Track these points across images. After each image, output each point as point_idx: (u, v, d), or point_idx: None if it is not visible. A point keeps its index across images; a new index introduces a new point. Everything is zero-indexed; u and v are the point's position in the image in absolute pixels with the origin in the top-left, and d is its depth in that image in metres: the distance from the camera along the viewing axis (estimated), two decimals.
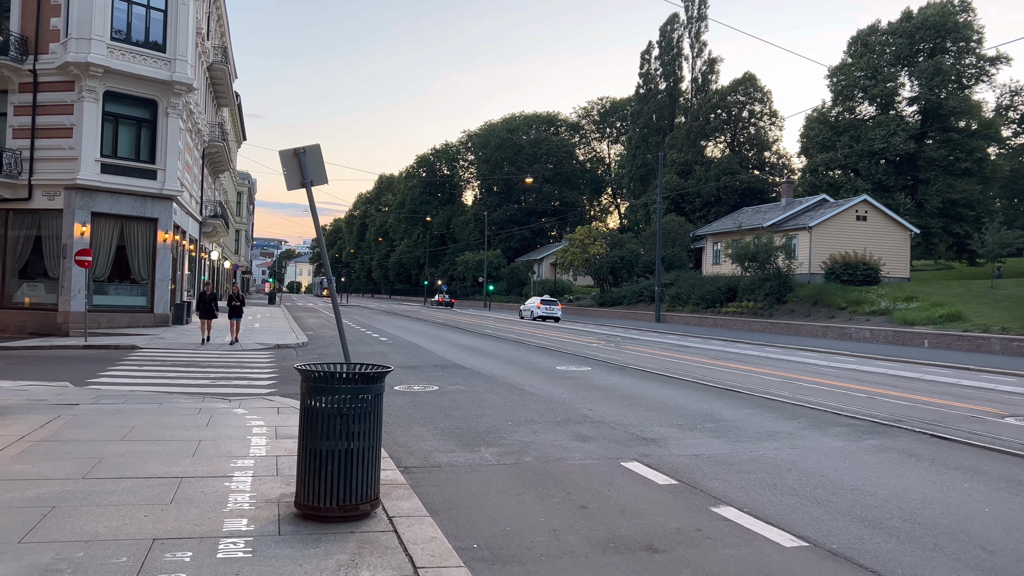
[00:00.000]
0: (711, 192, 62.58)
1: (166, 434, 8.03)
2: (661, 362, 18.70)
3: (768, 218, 44.98)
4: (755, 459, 7.86)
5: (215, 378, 14.33)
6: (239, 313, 21.73)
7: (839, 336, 31.36)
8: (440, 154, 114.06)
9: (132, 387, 12.78)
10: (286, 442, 7.82)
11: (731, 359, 20.36)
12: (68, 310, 24.05)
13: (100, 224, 25.01)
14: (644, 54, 77.14)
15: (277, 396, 11.32)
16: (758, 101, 68.45)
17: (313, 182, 7.14)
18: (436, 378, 14.47)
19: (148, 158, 25.91)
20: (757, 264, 39.60)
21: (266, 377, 14.57)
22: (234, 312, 21.64)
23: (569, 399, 11.86)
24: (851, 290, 36.27)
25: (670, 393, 12.73)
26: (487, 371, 15.74)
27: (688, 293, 45.54)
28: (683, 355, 21.30)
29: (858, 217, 41.93)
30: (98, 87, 24.38)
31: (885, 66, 54.71)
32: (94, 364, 16.52)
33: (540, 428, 9.40)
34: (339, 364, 5.80)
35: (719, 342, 28.31)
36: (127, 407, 9.80)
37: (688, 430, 9.42)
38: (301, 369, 5.44)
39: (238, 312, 21.68)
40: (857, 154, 52.73)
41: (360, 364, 5.77)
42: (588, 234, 59.37)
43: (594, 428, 9.45)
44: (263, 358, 18.48)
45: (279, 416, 9.41)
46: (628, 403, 11.54)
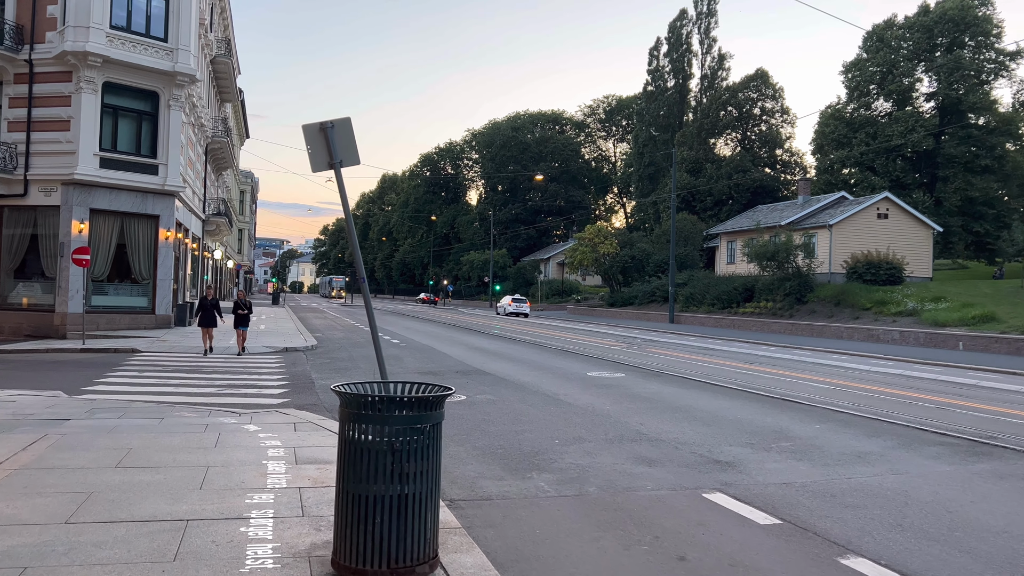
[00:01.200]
0: (722, 190, 61.39)
1: (168, 458, 6.90)
2: (694, 367, 17.55)
3: (785, 216, 43.80)
4: (857, 488, 6.72)
5: (221, 386, 13.20)
6: (246, 322, 19.34)
7: (866, 338, 30.20)
8: (444, 153, 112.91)
9: (131, 397, 11.65)
10: (308, 469, 6.68)
11: (764, 363, 19.21)
12: (65, 311, 22.93)
13: (99, 221, 23.89)
14: (652, 50, 75.96)
15: (292, 409, 10.19)
16: (770, 98, 67.24)
17: (343, 162, 6.02)
18: (462, 386, 13.33)
19: (149, 152, 24.80)
20: (775, 263, 38.43)
21: (276, 385, 13.45)
22: (240, 321, 19.28)
23: (614, 411, 10.71)
24: (875, 290, 35.10)
25: (722, 404, 11.58)
26: (514, 378, 14.61)
27: (703, 293, 44.39)
28: (713, 359, 20.14)
29: (879, 215, 40.76)
30: (97, 78, 23.26)
31: (902, 61, 53.51)
32: (91, 369, 15.40)
33: (593, 448, 8.26)
34: (383, 383, 4.66)
35: (743, 344, 27.16)
36: (124, 423, 8.67)
37: (762, 450, 8.27)
38: (341, 392, 4.30)
39: (244, 321, 19.31)
40: (874, 151, 51.53)
41: (410, 384, 4.64)
42: (598, 233, 58.22)
43: (655, 448, 8.30)
44: (271, 363, 17.35)
45: (296, 434, 8.27)
46: (681, 416, 10.40)
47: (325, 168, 6.03)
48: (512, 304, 54.32)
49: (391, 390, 4.58)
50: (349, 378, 14.58)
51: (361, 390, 4.44)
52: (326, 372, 15.52)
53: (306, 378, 14.47)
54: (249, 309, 19.46)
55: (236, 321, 19.29)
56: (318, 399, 11.76)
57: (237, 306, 19.35)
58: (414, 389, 4.55)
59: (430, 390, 4.47)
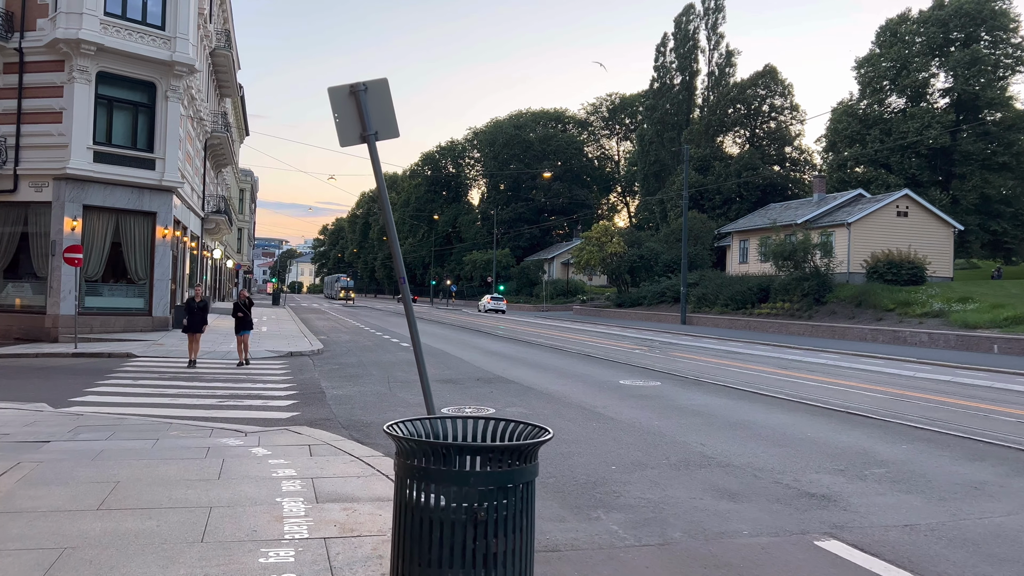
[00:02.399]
0: (731, 189, 60.20)
1: (163, 496, 5.72)
2: (729, 373, 16.37)
3: (801, 214, 42.62)
4: (998, 534, 5.55)
5: (223, 396, 12.02)
6: (248, 325, 16.65)
7: (891, 340, 29.04)
8: (445, 151, 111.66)
9: (122, 410, 10.47)
10: (332, 509, 5.50)
11: (799, 368, 18.03)
12: (57, 313, 21.76)
13: (93, 218, 22.71)
14: (659, 47, 74.74)
15: (304, 427, 9.00)
16: (779, 95, 66.03)
17: (379, 134, 4.83)
18: (486, 396, 12.16)
19: (146, 146, 23.61)
20: (792, 263, 37.25)
21: (283, 396, 12.26)
22: (242, 324, 16.54)
23: (665, 428, 9.54)
24: (897, 290, 33.92)
25: (782, 419, 10.40)
26: (542, 387, 13.43)
27: (715, 294, 43.18)
28: (744, 364, 18.97)
29: (899, 213, 39.58)
30: (90, 67, 22.08)
31: (916, 56, 52.32)
32: (81, 377, 14.23)
33: (659, 477, 7.08)
34: (449, 419, 3.49)
35: (767, 347, 25.99)
36: (112, 446, 7.48)
37: (856, 478, 7.10)
38: (399, 437, 3.12)
39: (246, 324, 16.60)
40: (888, 148, 50.36)
41: (484, 420, 3.47)
42: (605, 232, 57.03)
43: (730, 476, 7.13)
44: (276, 369, 16.17)
45: (313, 461, 7.09)
46: (743, 435, 9.22)
47: (356, 142, 4.86)
48: (491, 302, 61.60)
49: (466, 430, 3.41)
50: (361, 385, 13.41)
51: (422, 429, 3.27)
52: (336, 380, 14.33)
53: (315, 387, 13.29)
54: (249, 308, 16.84)
55: (237, 325, 16.61)
56: (331, 413, 10.57)
57: (237, 308, 16.65)
58: (497, 430, 3.38)
59: (519, 431, 3.30)
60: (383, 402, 11.60)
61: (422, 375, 5.45)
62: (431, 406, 5.39)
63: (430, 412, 5.26)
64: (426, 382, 5.35)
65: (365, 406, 11.21)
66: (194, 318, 16.07)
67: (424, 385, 5.35)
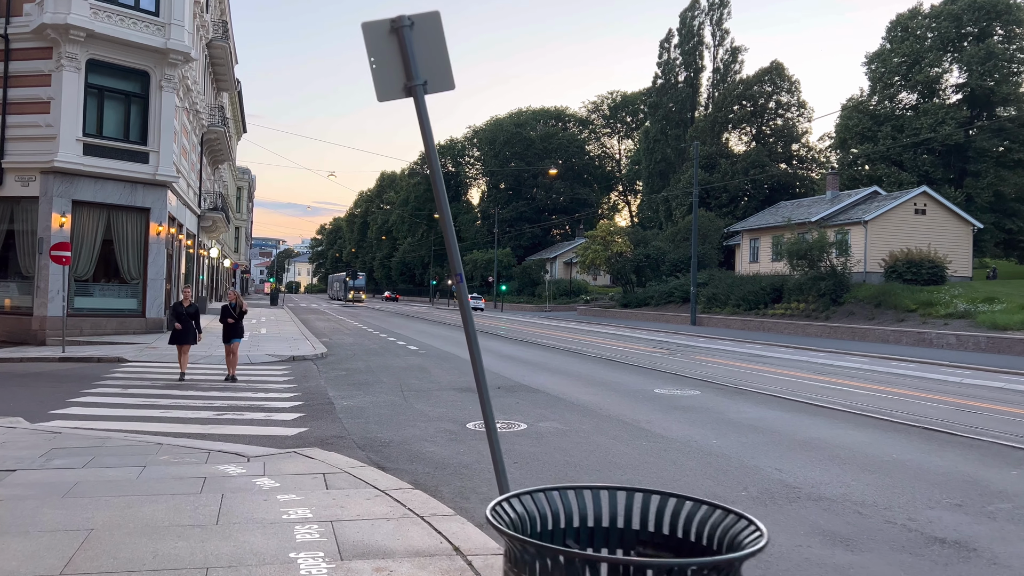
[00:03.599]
0: (738, 187, 59.10)
1: (146, 551, 4.53)
2: (767, 380, 15.21)
3: (814, 212, 41.50)
4: None
5: (221, 408, 10.82)
6: (238, 333, 13.94)
7: (916, 342, 27.90)
8: (445, 150, 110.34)
9: (108, 425, 9.30)
10: (363, 572, 4.31)
11: (838, 374, 16.88)
12: (44, 314, 20.54)
13: (83, 214, 21.49)
14: (663, 43, 73.64)
15: (315, 449, 7.79)
16: (786, 91, 64.96)
17: (428, 85, 3.65)
18: (513, 408, 10.97)
19: (139, 138, 22.38)
20: (806, 262, 36.11)
21: (288, 407, 11.06)
22: (231, 332, 13.90)
23: (727, 449, 8.36)
24: (918, 290, 32.80)
25: (856, 437, 9.23)
26: (571, 396, 12.25)
27: (726, 294, 42.06)
28: (777, 368, 17.81)
29: (916, 210, 38.48)
30: (80, 54, 20.85)
31: (928, 51, 51.27)
32: (66, 385, 13.04)
33: None
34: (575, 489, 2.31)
35: (790, 349, 24.85)
36: (90, 476, 6.29)
37: (984, 517, 5.93)
38: (518, 537, 1.92)
39: (237, 332, 13.91)
40: (901, 145, 49.29)
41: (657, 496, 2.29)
42: (610, 231, 55.88)
43: (830, 514, 5.96)
44: (278, 375, 14.97)
45: (330, 495, 5.90)
46: (820, 456, 8.06)
47: (399, 95, 3.70)
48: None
49: (612, 509, 2.24)
50: (372, 395, 12.22)
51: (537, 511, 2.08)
52: (344, 388, 13.14)
53: (322, 396, 12.10)
54: (241, 316, 14.10)
55: (226, 333, 13.96)
56: (343, 428, 9.39)
57: (226, 312, 14.05)
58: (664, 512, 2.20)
59: (701, 518, 2.12)
60: (399, 415, 10.41)
61: (491, 435, 4.23)
62: (504, 483, 4.19)
63: (503, 490, 4.09)
64: (497, 451, 4.11)
65: (380, 420, 10.02)
66: (184, 326, 13.67)
67: (495, 455, 4.11)
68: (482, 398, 4.39)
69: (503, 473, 4.38)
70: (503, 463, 4.41)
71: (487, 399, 4.43)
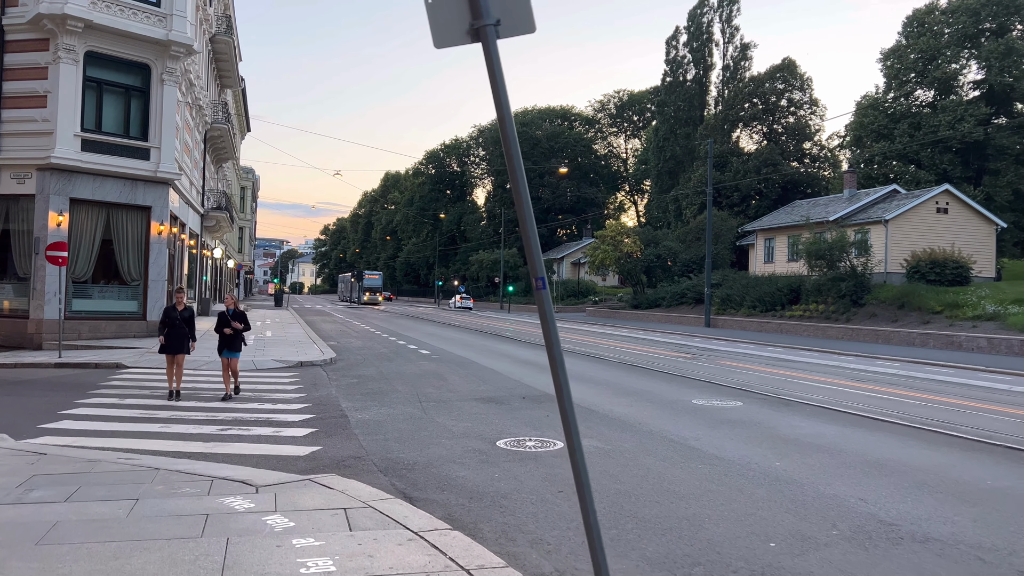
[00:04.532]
0: (749, 185, 58.07)
1: None
2: (808, 388, 14.26)
3: (832, 211, 40.48)
4: None
5: (225, 422, 9.92)
6: (236, 346, 12.01)
7: (944, 345, 26.90)
8: (450, 149, 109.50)
9: (101, 442, 8.42)
10: None
11: (874, 380, 15.92)
12: (41, 317, 19.68)
13: (81, 213, 20.62)
14: (670, 40, 72.67)
15: (333, 476, 6.86)
16: (798, 89, 63.85)
17: (501, 26, 2.73)
18: (542, 422, 10.05)
19: (139, 134, 21.51)
20: (825, 262, 35.10)
21: (298, 420, 10.15)
22: (228, 344, 11.94)
23: (796, 473, 7.42)
24: (943, 291, 31.78)
25: (935, 458, 8.27)
26: (603, 407, 11.31)
27: (741, 295, 41.05)
28: (810, 375, 16.85)
29: (938, 209, 37.44)
30: (78, 46, 19.99)
31: (945, 48, 50.18)
32: (60, 394, 12.17)
33: (846, 561, 4.98)
34: None
35: (814, 353, 23.88)
36: (72, 513, 5.38)
37: None
38: None
39: (234, 344, 11.99)
40: (919, 143, 48.23)
41: None
42: (620, 231, 54.89)
43: (947, 561, 5.02)
44: (286, 383, 14.06)
45: (355, 540, 4.97)
46: (905, 483, 7.11)
47: (461, 39, 2.77)
48: (460, 300, 70.13)
49: None
50: (388, 406, 11.31)
51: None
52: (358, 398, 12.22)
53: (335, 408, 11.19)
54: (243, 325, 12.20)
55: (222, 344, 12.00)
56: (360, 447, 8.47)
57: (223, 321, 12.07)
58: None
59: None
60: (421, 431, 9.49)
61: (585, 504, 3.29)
62: (602, 565, 3.24)
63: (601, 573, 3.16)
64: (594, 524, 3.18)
65: (400, 436, 9.10)
66: (175, 334, 11.72)
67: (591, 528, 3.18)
68: (574, 459, 3.44)
69: (602, 559, 3.42)
70: (601, 543, 3.46)
71: (580, 458, 3.48)
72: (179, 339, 11.82)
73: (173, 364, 11.86)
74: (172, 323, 11.87)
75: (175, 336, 11.80)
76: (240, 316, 12.32)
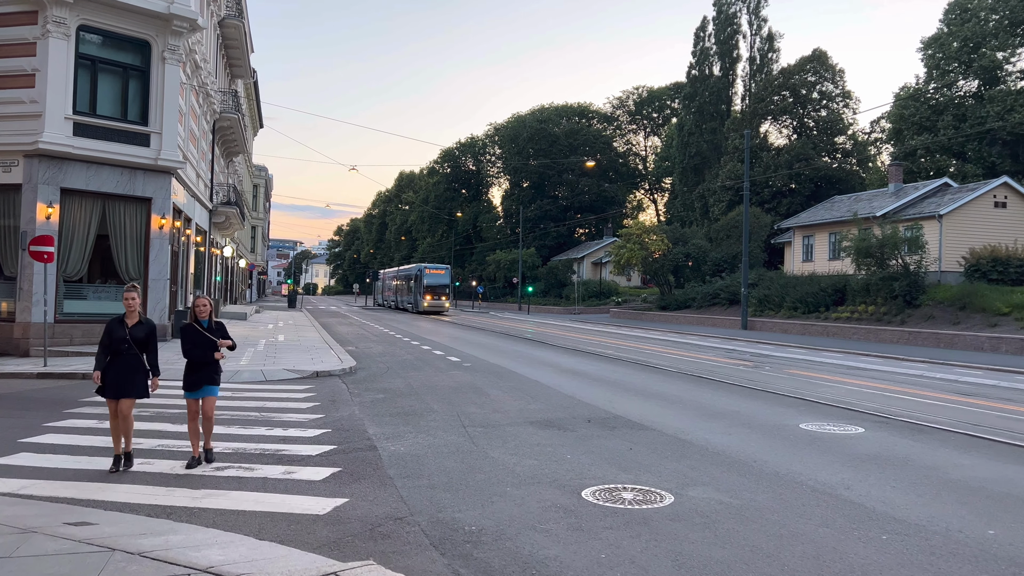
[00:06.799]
0: (781, 181, 55.56)
1: None
2: (915, 406, 11.97)
3: (877, 207, 37.99)
4: None
5: (222, 455, 7.78)
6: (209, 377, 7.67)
7: (1019, 351, 24.48)
8: (465, 148, 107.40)
9: (59, 485, 6.30)
10: None
11: (987, 395, 13.60)
12: (28, 321, 17.67)
13: (73, 204, 18.59)
14: (698, 31, 70.20)
15: (373, 565, 4.65)
16: (829, 81, 61.27)
17: None
18: (630, 460, 7.82)
19: (139, 118, 19.46)
20: (873, 260, 32.64)
21: (316, 454, 7.98)
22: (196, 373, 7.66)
23: None
24: (1008, 291, 29.29)
25: None
26: (695, 436, 9.08)
27: (780, 295, 38.65)
28: (897, 386, 14.54)
29: (996, 203, 34.90)
30: (69, 19, 17.97)
31: (991, 35, 47.54)
32: (32, 413, 10.12)
33: None
34: None
35: (878, 360, 21.54)
36: None
37: None
38: None
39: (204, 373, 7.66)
40: (964, 135, 45.60)
41: None
42: (646, 229, 52.54)
43: None
44: (299, 398, 11.92)
45: None
46: None
47: None
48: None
49: None
50: (426, 432, 9.14)
51: None
52: (387, 421, 10.05)
53: (360, 434, 9.02)
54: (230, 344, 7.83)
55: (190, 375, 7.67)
56: (400, 501, 6.28)
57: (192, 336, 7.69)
58: None
59: None
60: (474, 471, 7.30)
61: None
62: None
63: None
64: None
65: (450, 480, 6.91)
66: (121, 365, 7.46)
67: None
68: None
69: None
70: None
71: None
72: (125, 373, 7.40)
73: (113, 412, 7.34)
74: (116, 347, 7.43)
75: (120, 368, 7.39)
76: (220, 331, 7.81)
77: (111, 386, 7.43)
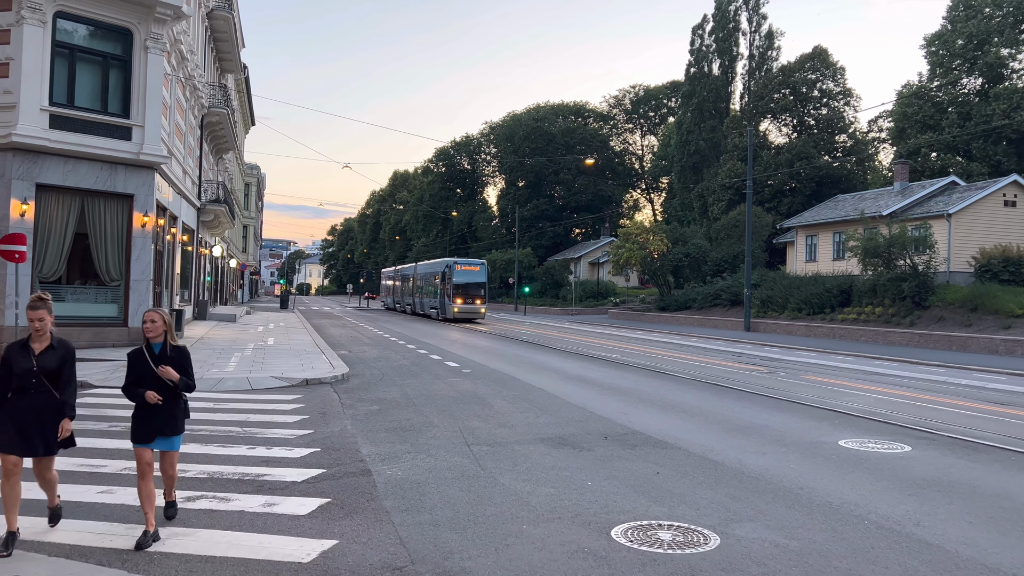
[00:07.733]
0: (782, 180, 54.78)
1: None
2: (954, 416, 11.10)
3: (883, 205, 37.20)
4: None
5: (196, 482, 6.83)
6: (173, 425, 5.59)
7: None
8: (460, 147, 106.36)
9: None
10: None
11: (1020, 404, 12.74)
12: (1, 324, 16.65)
13: (49, 201, 17.60)
14: (696, 29, 69.44)
15: None
16: (830, 78, 60.55)
17: None
18: (660, 488, 6.89)
19: (120, 110, 18.46)
20: (882, 260, 31.83)
21: (301, 481, 7.02)
22: (146, 419, 5.52)
23: None
24: (1021, 292, 28.51)
25: None
26: (731, 460, 8.16)
27: (784, 296, 37.83)
28: (926, 394, 13.68)
29: (1006, 202, 34.13)
30: (46, 5, 16.98)
31: (996, 32, 46.83)
32: None
33: None
34: None
35: (892, 363, 20.72)
36: None
37: None
38: None
39: (164, 421, 5.52)
40: (969, 133, 44.88)
41: None
42: (644, 228, 51.69)
43: None
44: (286, 410, 10.95)
45: None
46: None
47: None
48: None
49: None
50: (426, 452, 8.21)
51: None
52: (382, 438, 9.10)
53: (352, 456, 8.07)
54: (179, 380, 5.50)
55: (140, 421, 5.56)
56: (399, 541, 5.35)
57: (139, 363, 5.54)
58: None
59: None
60: (483, 502, 6.36)
61: None
62: None
63: None
64: None
65: (456, 515, 5.98)
66: (26, 404, 5.18)
67: None
68: None
69: None
70: None
71: None
72: (31, 417, 5.18)
73: (14, 474, 5.13)
74: (21, 383, 5.18)
75: (25, 411, 5.17)
76: (181, 357, 5.62)
77: (8, 437, 5.11)
